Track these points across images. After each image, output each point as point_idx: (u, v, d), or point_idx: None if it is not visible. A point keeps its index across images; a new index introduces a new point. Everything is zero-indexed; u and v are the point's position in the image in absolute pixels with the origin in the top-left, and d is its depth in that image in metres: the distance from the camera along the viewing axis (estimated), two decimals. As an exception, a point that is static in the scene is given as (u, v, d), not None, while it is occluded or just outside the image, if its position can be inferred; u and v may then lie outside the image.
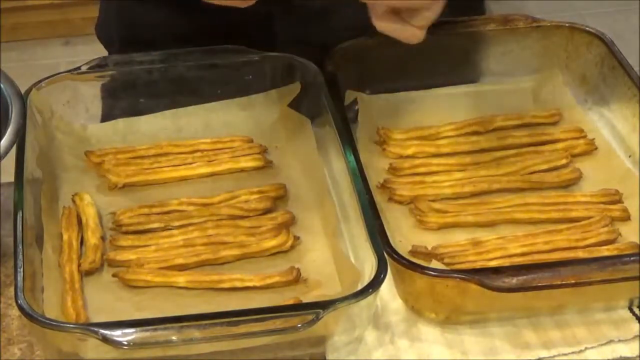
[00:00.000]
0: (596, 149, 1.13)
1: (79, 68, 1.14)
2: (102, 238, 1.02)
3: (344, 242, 1.00)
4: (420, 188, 1.07)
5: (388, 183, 1.08)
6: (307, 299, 0.95)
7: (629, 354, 0.93)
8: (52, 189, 1.07)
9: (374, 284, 0.89)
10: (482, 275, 0.90)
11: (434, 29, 1.19)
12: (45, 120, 1.11)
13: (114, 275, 0.98)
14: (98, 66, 1.14)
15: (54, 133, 1.12)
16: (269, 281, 0.97)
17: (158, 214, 1.05)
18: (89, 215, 1.04)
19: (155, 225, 1.04)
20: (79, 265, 0.99)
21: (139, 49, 1.17)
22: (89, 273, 0.99)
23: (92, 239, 1.01)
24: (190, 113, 1.16)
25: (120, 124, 1.16)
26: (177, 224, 1.04)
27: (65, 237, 1.01)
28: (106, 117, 1.18)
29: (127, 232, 1.03)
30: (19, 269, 0.90)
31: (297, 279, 0.98)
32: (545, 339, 0.95)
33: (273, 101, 1.16)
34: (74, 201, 1.06)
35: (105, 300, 0.97)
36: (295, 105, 1.15)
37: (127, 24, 1.21)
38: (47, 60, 2.81)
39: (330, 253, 1.01)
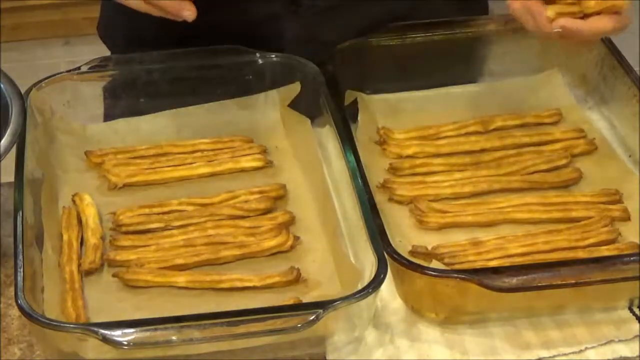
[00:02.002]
0: (596, 149, 1.13)
1: (79, 68, 1.14)
2: (102, 238, 1.02)
3: (344, 242, 1.00)
4: (420, 188, 1.07)
5: (388, 183, 1.08)
6: (307, 299, 0.95)
7: (629, 354, 0.93)
8: (52, 189, 1.07)
9: (374, 284, 0.89)
10: (482, 275, 0.90)
11: (434, 29, 1.20)
12: (45, 120, 1.11)
13: (114, 275, 0.98)
14: (98, 66, 1.14)
15: (54, 133, 1.12)
16: (269, 281, 0.97)
17: (158, 214, 1.05)
18: (89, 215, 1.04)
19: (155, 225, 1.04)
20: (79, 265, 0.99)
21: (144, 47, 1.17)
22: (88, 273, 0.99)
23: (92, 239, 1.01)
24: (191, 113, 1.16)
25: (120, 124, 1.16)
26: (177, 224, 1.04)
27: (65, 237, 1.01)
28: (107, 117, 1.18)
29: (127, 232, 1.03)
30: (19, 269, 0.90)
31: (297, 279, 0.98)
32: (545, 339, 0.95)
33: (273, 101, 1.16)
34: (74, 201, 1.06)
35: (105, 301, 0.97)
36: (295, 105, 1.15)
37: (133, 23, 1.21)
38: (47, 60, 2.81)
39: (330, 253, 1.01)
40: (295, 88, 1.15)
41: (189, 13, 1.01)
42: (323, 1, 1.19)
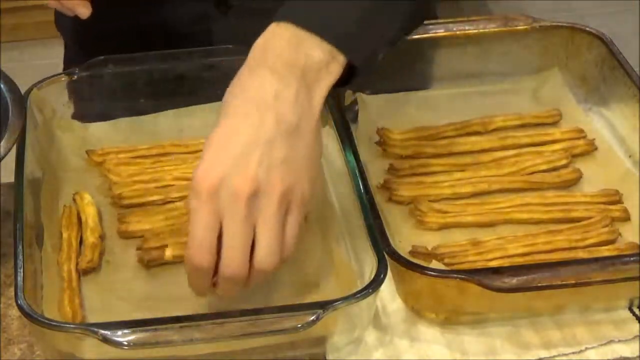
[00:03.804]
0: (596, 149, 1.13)
1: (79, 68, 1.14)
2: (101, 237, 1.02)
3: (344, 243, 1.00)
4: (420, 188, 1.07)
5: (388, 183, 1.08)
6: (305, 300, 0.95)
7: (629, 354, 0.93)
8: (53, 189, 1.07)
9: (374, 284, 0.89)
10: (482, 276, 0.90)
11: (434, 29, 1.20)
12: (45, 120, 1.11)
13: (140, 261, 0.99)
14: (98, 66, 1.14)
15: (55, 133, 1.12)
16: None
17: (156, 187, 1.05)
18: (89, 214, 1.04)
19: (155, 197, 1.05)
20: (77, 264, 0.99)
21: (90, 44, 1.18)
22: (86, 272, 0.99)
23: (91, 237, 1.01)
24: (192, 113, 1.16)
25: (122, 123, 1.16)
26: (176, 195, 1.05)
27: (65, 235, 1.01)
28: (105, 116, 1.18)
29: (130, 206, 1.04)
30: (19, 270, 0.90)
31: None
32: (545, 339, 0.95)
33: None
34: (74, 200, 1.06)
35: (102, 300, 0.97)
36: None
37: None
38: (47, 60, 2.81)
39: (330, 254, 1.00)
40: None
41: (83, 10, 1.03)
42: (253, 3, 1.19)
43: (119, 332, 0.85)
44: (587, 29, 1.21)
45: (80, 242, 1.02)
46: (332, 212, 1.02)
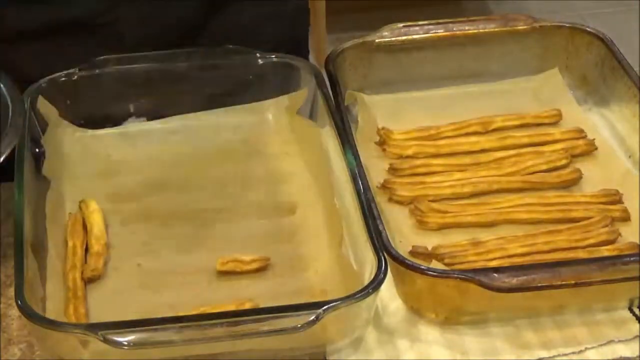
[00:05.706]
0: (596, 149, 1.13)
1: (79, 68, 1.13)
2: (107, 245, 1.01)
3: (345, 243, 1.00)
4: (420, 188, 1.07)
5: (388, 183, 1.08)
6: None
7: (629, 354, 0.93)
8: (58, 195, 1.06)
9: (374, 285, 0.89)
10: (482, 275, 0.90)
11: (435, 28, 1.20)
12: (48, 121, 1.10)
13: None
14: (98, 66, 1.14)
15: (56, 135, 1.11)
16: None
17: None
18: (94, 222, 1.03)
19: None
20: (82, 272, 0.99)
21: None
22: (91, 280, 0.98)
23: (96, 245, 1.00)
24: (199, 118, 1.16)
25: (127, 127, 1.15)
26: None
27: (70, 244, 1.00)
28: (105, 117, 1.17)
29: None
30: (19, 270, 0.90)
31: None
32: (545, 339, 0.95)
33: (283, 107, 1.16)
34: (80, 208, 1.05)
35: (107, 308, 0.96)
36: (295, 106, 1.15)
37: None
38: (47, 60, 2.81)
39: (336, 263, 1.00)
40: (302, 94, 1.14)
41: None
42: (232, 17, 1.20)
43: (119, 332, 0.85)
44: (587, 29, 1.21)
45: (86, 249, 1.02)
46: (338, 221, 1.01)
